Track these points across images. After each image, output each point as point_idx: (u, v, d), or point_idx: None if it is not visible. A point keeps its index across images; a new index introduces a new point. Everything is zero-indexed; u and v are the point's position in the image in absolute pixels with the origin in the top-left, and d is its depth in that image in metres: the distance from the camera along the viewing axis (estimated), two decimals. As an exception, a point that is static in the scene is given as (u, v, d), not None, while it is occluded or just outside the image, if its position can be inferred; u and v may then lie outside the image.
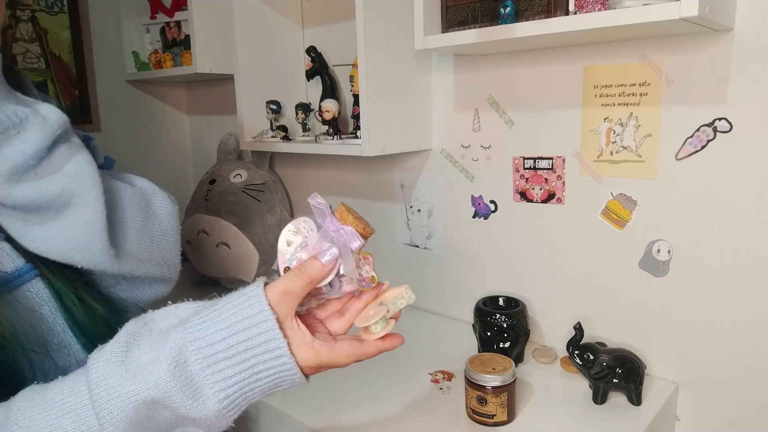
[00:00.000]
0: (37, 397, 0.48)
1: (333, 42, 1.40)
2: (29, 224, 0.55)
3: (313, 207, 0.56)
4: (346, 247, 0.54)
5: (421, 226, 1.35)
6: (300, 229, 0.56)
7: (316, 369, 0.52)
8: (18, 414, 0.47)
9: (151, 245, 0.64)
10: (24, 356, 0.54)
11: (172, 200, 0.69)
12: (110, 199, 0.59)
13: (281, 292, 0.50)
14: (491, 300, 1.14)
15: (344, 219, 0.55)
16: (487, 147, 1.20)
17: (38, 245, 0.56)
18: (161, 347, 0.47)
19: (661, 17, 0.76)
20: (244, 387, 0.48)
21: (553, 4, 0.91)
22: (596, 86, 1.02)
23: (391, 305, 0.57)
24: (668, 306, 1.01)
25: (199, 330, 0.48)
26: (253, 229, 1.48)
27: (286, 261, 0.56)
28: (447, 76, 1.23)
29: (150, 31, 1.76)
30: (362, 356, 0.54)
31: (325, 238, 0.55)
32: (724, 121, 0.91)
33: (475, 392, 0.87)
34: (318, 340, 0.51)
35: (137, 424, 0.47)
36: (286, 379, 0.50)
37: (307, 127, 1.39)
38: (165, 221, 0.67)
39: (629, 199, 1.02)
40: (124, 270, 0.61)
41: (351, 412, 0.94)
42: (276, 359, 0.48)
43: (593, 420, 0.89)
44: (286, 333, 0.49)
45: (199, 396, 0.47)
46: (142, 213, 0.63)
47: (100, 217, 0.56)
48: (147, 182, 0.68)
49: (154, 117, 1.88)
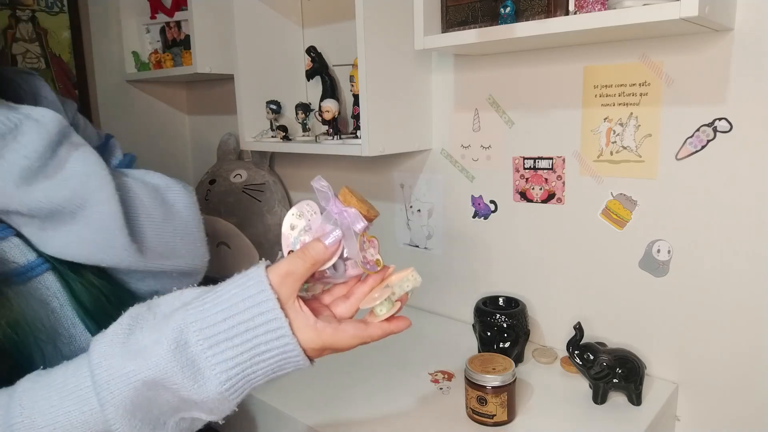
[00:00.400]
0: (41, 379, 0.48)
1: (333, 42, 1.40)
2: (47, 231, 0.56)
3: (317, 190, 0.55)
4: (349, 230, 0.54)
5: (421, 226, 1.35)
6: (303, 213, 0.56)
7: (320, 351, 0.51)
8: (22, 395, 0.47)
9: (174, 239, 0.64)
10: (36, 346, 0.55)
11: (188, 191, 0.69)
12: (125, 197, 0.59)
13: (283, 273, 0.50)
14: (491, 300, 1.14)
15: (348, 201, 0.55)
16: (487, 147, 1.20)
17: (60, 250, 0.56)
18: (163, 329, 0.47)
19: (661, 17, 0.76)
20: (246, 369, 0.48)
21: (553, 4, 0.91)
22: (596, 86, 1.02)
23: (396, 288, 0.56)
24: (668, 306, 1.01)
25: (201, 311, 0.48)
26: (253, 229, 1.48)
27: (289, 245, 0.55)
28: (447, 76, 1.23)
29: (150, 31, 1.75)
30: (367, 338, 0.54)
31: (328, 221, 0.54)
32: (724, 121, 0.91)
33: (475, 392, 0.87)
34: (321, 321, 0.51)
35: (138, 406, 0.47)
36: (289, 361, 0.49)
37: (307, 127, 1.39)
38: (185, 213, 0.67)
39: (629, 199, 1.02)
40: (150, 265, 0.61)
41: (350, 411, 0.94)
42: (277, 339, 0.48)
43: (593, 420, 0.89)
44: (288, 314, 0.48)
45: (200, 378, 0.47)
46: (160, 208, 0.63)
47: (117, 214, 0.56)
48: (160, 177, 0.67)
49: (154, 117, 1.88)
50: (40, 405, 0.46)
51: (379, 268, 0.56)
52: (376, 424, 0.90)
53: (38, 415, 0.46)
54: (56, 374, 0.48)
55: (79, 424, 0.46)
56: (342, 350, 0.53)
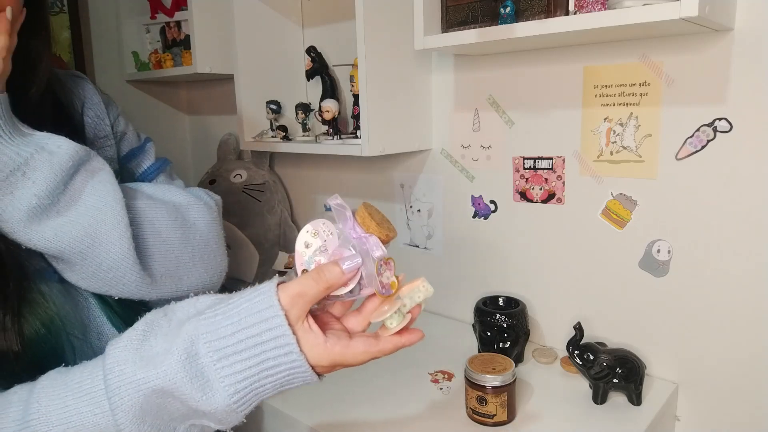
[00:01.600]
0: (59, 377, 0.50)
1: (333, 42, 1.40)
2: (59, 264, 0.57)
3: (333, 208, 0.54)
4: (368, 255, 0.52)
5: (421, 226, 1.35)
6: (319, 232, 0.54)
7: (330, 368, 0.51)
8: (40, 392, 0.49)
9: (192, 258, 0.65)
10: (67, 341, 0.57)
11: (209, 207, 0.69)
12: (140, 226, 0.59)
13: (295, 293, 0.49)
14: (491, 300, 1.14)
15: (366, 225, 0.53)
16: (487, 147, 1.20)
17: (74, 282, 0.58)
18: (175, 338, 0.48)
19: (661, 17, 0.76)
20: (254, 383, 0.48)
21: (553, 4, 0.91)
22: (596, 86, 1.02)
23: (407, 299, 0.55)
24: (668, 306, 1.01)
25: (212, 323, 0.48)
26: (253, 229, 1.48)
27: (303, 263, 0.54)
28: (447, 76, 1.23)
29: (150, 31, 1.75)
30: (378, 353, 0.53)
31: (346, 245, 0.53)
32: (724, 121, 0.91)
33: (475, 392, 0.87)
34: (331, 339, 0.50)
35: (148, 412, 0.48)
36: (297, 376, 0.49)
37: (307, 127, 1.39)
38: (205, 231, 0.67)
39: (629, 199, 1.02)
40: (164, 293, 0.62)
41: (351, 411, 0.94)
42: (285, 356, 0.48)
43: (593, 420, 0.89)
44: (297, 334, 0.48)
45: (208, 389, 0.47)
46: (179, 229, 0.64)
47: (127, 252, 0.57)
48: (182, 194, 0.67)
49: (154, 117, 1.88)
50: (56, 404, 0.48)
51: (393, 290, 0.54)
52: (376, 424, 0.90)
53: (53, 413, 0.47)
54: (74, 375, 0.50)
55: (91, 425, 0.47)
56: (352, 366, 0.53)
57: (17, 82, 0.55)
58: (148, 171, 0.74)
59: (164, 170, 0.76)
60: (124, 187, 0.60)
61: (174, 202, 0.65)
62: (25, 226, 0.52)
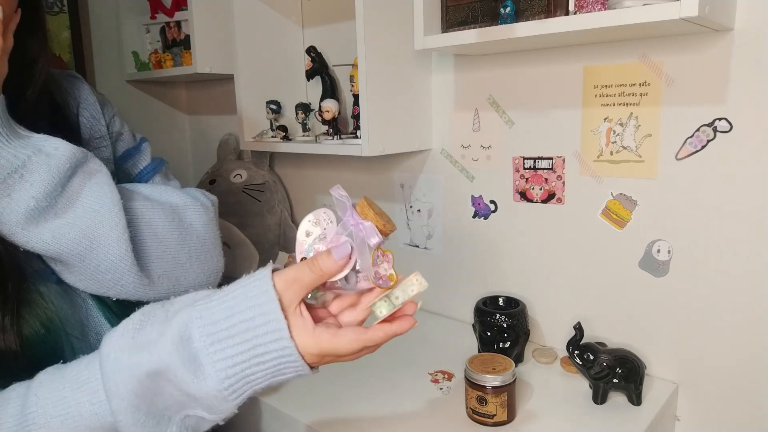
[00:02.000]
0: (57, 372, 0.50)
1: (333, 42, 1.40)
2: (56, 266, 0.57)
3: (335, 199, 0.55)
4: (364, 243, 0.53)
5: (421, 226, 1.35)
6: (320, 221, 0.56)
7: (319, 357, 0.51)
8: (38, 386, 0.49)
9: (189, 259, 0.65)
10: (66, 341, 0.57)
11: (206, 208, 0.70)
12: (137, 227, 0.60)
13: (290, 279, 0.50)
14: (491, 300, 1.14)
15: (365, 214, 0.54)
16: (487, 147, 1.20)
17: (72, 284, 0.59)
18: (170, 323, 0.48)
19: (661, 17, 0.76)
20: (245, 369, 0.48)
21: (553, 4, 0.91)
22: (596, 86, 1.02)
23: (400, 291, 0.55)
24: (668, 306, 1.01)
25: (207, 308, 0.48)
26: (253, 229, 1.48)
27: (303, 252, 0.55)
28: (447, 76, 1.23)
29: (150, 31, 1.75)
30: (368, 342, 0.52)
31: (344, 232, 0.54)
32: (724, 121, 0.91)
33: (475, 392, 0.87)
34: (320, 327, 0.50)
35: (143, 398, 0.48)
36: (288, 365, 0.49)
37: (307, 127, 1.39)
38: (202, 232, 0.67)
39: (629, 199, 1.02)
40: (161, 294, 0.62)
41: (350, 411, 0.94)
42: (275, 342, 0.48)
43: (593, 420, 0.89)
44: (288, 318, 0.48)
45: (200, 373, 0.47)
46: (176, 230, 0.64)
47: (125, 254, 0.57)
48: (179, 195, 0.67)
49: (154, 117, 1.88)
50: (54, 396, 0.48)
51: (392, 283, 0.55)
52: (375, 424, 0.90)
53: (51, 405, 0.48)
54: (71, 368, 0.50)
55: (89, 415, 0.48)
56: (344, 357, 0.52)
57: (14, 82, 0.55)
58: (144, 171, 0.75)
59: (160, 170, 0.76)
60: (122, 189, 0.60)
61: (171, 203, 0.65)
62: (23, 229, 0.52)
